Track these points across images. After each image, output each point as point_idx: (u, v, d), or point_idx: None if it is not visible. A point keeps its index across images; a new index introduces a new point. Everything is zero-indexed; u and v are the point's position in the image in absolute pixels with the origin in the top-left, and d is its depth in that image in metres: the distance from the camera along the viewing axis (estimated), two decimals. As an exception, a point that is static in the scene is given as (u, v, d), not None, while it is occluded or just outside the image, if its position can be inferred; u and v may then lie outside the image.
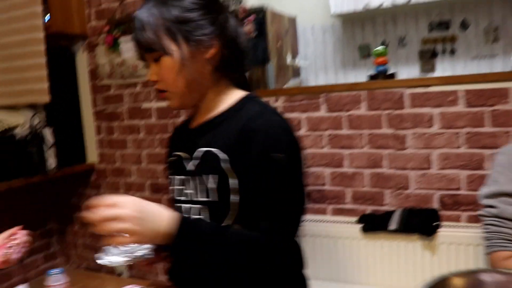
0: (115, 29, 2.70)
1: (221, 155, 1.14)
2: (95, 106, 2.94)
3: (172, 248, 1.04)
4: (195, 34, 1.16)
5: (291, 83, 3.30)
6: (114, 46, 2.69)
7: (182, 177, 1.24)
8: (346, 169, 2.25)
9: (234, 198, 1.13)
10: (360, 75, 3.60)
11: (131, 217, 0.96)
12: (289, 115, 2.32)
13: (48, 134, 2.68)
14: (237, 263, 1.07)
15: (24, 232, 1.33)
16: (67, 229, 3.24)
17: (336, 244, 2.21)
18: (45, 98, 2.61)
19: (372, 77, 2.25)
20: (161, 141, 2.72)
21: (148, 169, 2.81)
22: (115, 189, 2.96)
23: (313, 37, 3.92)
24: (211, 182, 1.15)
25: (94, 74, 2.90)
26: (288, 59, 3.31)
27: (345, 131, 2.23)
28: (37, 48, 2.59)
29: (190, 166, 1.22)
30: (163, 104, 2.66)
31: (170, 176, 1.31)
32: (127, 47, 2.64)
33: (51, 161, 2.69)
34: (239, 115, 1.18)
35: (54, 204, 3.23)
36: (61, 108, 2.80)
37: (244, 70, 1.30)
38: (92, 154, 2.98)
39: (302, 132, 2.31)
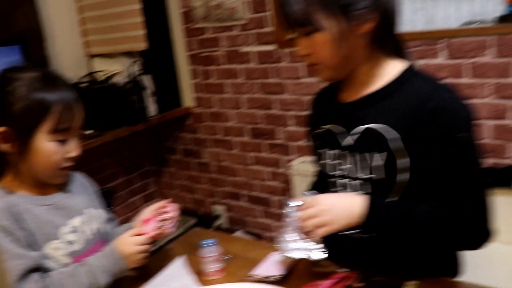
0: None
1: (391, 133, 1.11)
2: (189, 50, 2.86)
3: (366, 229, 1.12)
4: (353, 8, 1.07)
5: None
6: (210, -13, 2.56)
7: (336, 151, 1.22)
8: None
9: (402, 176, 1.12)
10: (454, 1, 3.31)
11: (324, 211, 1.08)
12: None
13: (147, 81, 2.66)
14: (430, 241, 1.15)
15: (175, 206, 1.33)
16: (164, 171, 3.31)
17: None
18: (142, 45, 2.58)
19: (502, 19, 2.04)
20: (262, 86, 2.65)
21: (248, 114, 2.76)
22: (212, 133, 2.95)
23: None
24: (377, 159, 1.13)
25: (187, 17, 2.80)
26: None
27: (466, 80, 2.07)
28: (132, -6, 2.52)
29: (348, 141, 1.19)
30: (264, 47, 2.57)
31: (319, 150, 1.28)
32: (225, -11, 2.52)
33: (152, 108, 2.69)
34: (406, 90, 1.13)
35: (151, 148, 3.30)
36: (156, 53, 2.75)
37: (400, 36, 1.19)
38: (188, 99, 2.95)
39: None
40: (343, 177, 1.21)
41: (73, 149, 1.20)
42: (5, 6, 2.43)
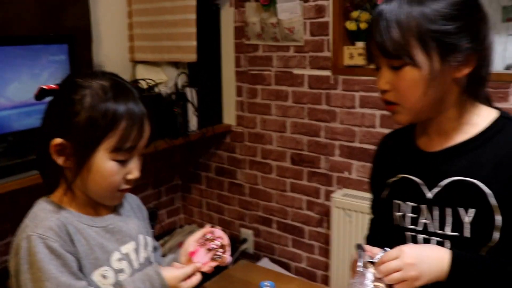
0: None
1: (482, 188, 1.01)
2: (238, 66, 2.77)
3: (449, 284, 1.01)
4: (455, 49, 0.97)
5: None
6: (270, 4, 2.47)
7: (415, 204, 1.11)
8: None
9: (491, 235, 1.02)
10: (499, 41, 3.20)
11: (409, 265, 0.98)
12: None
13: (191, 94, 2.57)
14: None
15: (221, 232, 1.21)
16: (194, 187, 3.21)
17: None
18: (193, 56, 2.49)
19: None
20: (310, 111, 2.55)
21: (291, 138, 2.65)
22: (250, 154, 2.85)
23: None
24: (467, 216, 1.03)
25: (240, 32, 2.72)
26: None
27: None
28: (189, 3, 2.44)
29: (432, 194, 1.08)
30: (318, 72, 2.47)
31: (394, 200, 1.16)
32: (285, 7, 2.42)
33: (193, 123, 2.60)
34: (500, 140, 1.03)
35: (183, 161, 3.19)
36: (203, 66, 2.67)
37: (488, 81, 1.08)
38: (229, 116, 2.86)
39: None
40: (423, 232, 1.11)
41: (134, 170, 1.06)
42: (57, 2, 2.36)
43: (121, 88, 1.04)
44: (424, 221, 1.10)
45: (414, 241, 1.13)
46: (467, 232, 1.04)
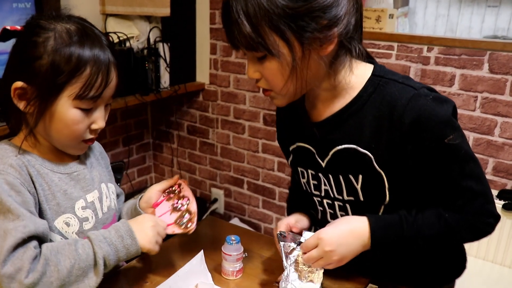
0: None
1: (366, 153, 1.03)
2: (212, 22, 2.70)
3: (374, 253, 1.05)
4: (310, 30, 0.91)
5: (400, 11, 2.98)
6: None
7: (313, 172, 1.14)
8: (496, 138, 2.02)
9: (380, 197, 1.06)
10: (478, 13, 3.20)
11: (329, 252, 1.01)
12: (441, 68, 2.06)
13: (164, 50, 2.50)
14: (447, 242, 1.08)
15: (188, 189, 1.19)
16: (165, 146, 3.17)
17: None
18: (166, 10, 2.41)
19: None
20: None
21: (265, 99, 2.61)
22: (223, 114, 2.81)
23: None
24: (357, 181, 1.06)
25: (216, -13, 2.64)
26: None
27: (505, 97, 1.97)
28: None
29: (325, 162, 1.10)
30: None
31: (299, 168, 1.18)
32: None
33: (165, 79, 2.54)
34: (376, 100, 1.02)
35: (154, 119, 3.15)
36: (177, 21, 2.59)
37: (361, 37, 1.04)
38: (202, 74, 2.80)
39: (452, 89, 2.06)
40: (326, 197, 1.14)
41: (99, 120, 1.02)
42: None
43: (88, 33, 0.99)
44: (324, 187, 1.13)
45: (321, 205, 1.16)
46: (361, 196, 1.07)
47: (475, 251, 2.05)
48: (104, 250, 0.99)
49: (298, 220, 1.20)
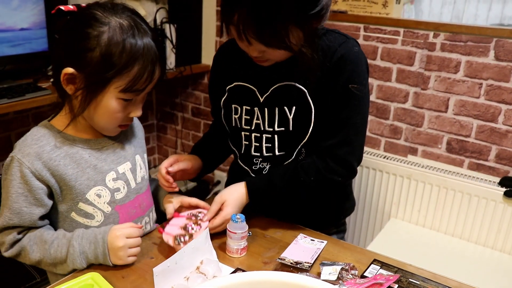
0: None
1: (302, 88, 1.20)
2: (219, 4, 2.69)
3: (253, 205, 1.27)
4: (314, 23, 1.11)
5: None
6: None
7: (248, 107, 1.27)
8: (499, 125, 2.03)
9: (307, 126, 1.23)
10: (484, 1, 3.18)
11: (227, 216, 1.20)
12: (446, 55, 2.06)
13: (170, 31, 2.50)
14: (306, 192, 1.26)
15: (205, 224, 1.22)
16: (169, 128, 3.18)
17: (471, 201, 2.06)
18: (173, -10, 2.41)
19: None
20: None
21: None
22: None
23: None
24: (291, 112, 1.22)
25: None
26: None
27: (510, 85, 1.97)
28: None
29: (263, 97, 1.25)
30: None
31: (234, 105, 1.31)
32: None
33: (171, 60, 2.55)
34: (322, 45, 1.18)
35: (158, 101, 3.15)
36: (184, 3, 2.59)
37: None
38: (208, 56, 2.80)
39: (457, 76, 2.06)
40: (256, 131, 1.28)
41: (137, 109, 1.11)
42: None
43: (139, 29, 1.02)
44: (256, 121, 1.27)
45: (248, 139, 1.31)
46: (291, 127, 1.23)
47: (476, 237, 2.07)
48: (77, 262, 1.07)
49: (179, 160, 1.30)
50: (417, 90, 2.17)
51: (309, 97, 1.20)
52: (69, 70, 1.01)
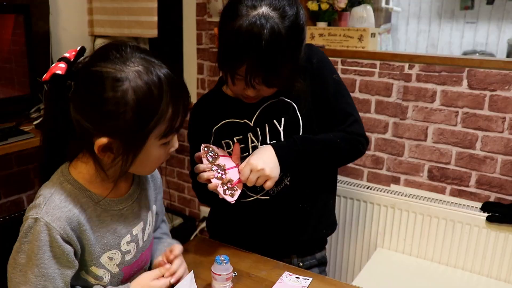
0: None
1: (291, 102, 1.32)
2: (199, 43, 2.75)
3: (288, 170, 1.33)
4: (301, 50, 1.23)
5: (382, 28, 3.05)
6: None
7: (240, 137, 1.33)
8: (477, 151, 2.07)
9: (297, 130, 1.33)
10: (457, 28, 3.28)
11: (262, 170, 1.21)
12: (422, 85, 2.12)
13: (152, 71, 2.53)
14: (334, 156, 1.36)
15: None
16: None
17: (455, 227, 2.08)
18: (153, 32, 2.45)
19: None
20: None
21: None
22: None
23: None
24: (280, 124, 1.31)
25: (202, 9, 2.69)
26: (383, 2, 3.04)
27: (484, 112, 2.02)
28: (149, -23, 2.39)
29: (253, 121, 1.33)
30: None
31: (223, 142, 1.36)
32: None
33: (153, 100, 2.57)
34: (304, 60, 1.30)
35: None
36: (164, 42, 2.63)
37: None
38: (190, 93, 2.83)
39: (434, 105, 2.11)
40: (253, 151, 1.33)
41: (175, 143, 1.04)
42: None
43: (155, 67, 0.93)
44: (252, 145, 1.33)
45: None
46: (282, 137, 1.31)
47: (462, 263, 2.09)
48: None
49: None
50: (396, 120, 2.22)
51: (297, 111, 1.32)
52: (103, 140, 0.93)
